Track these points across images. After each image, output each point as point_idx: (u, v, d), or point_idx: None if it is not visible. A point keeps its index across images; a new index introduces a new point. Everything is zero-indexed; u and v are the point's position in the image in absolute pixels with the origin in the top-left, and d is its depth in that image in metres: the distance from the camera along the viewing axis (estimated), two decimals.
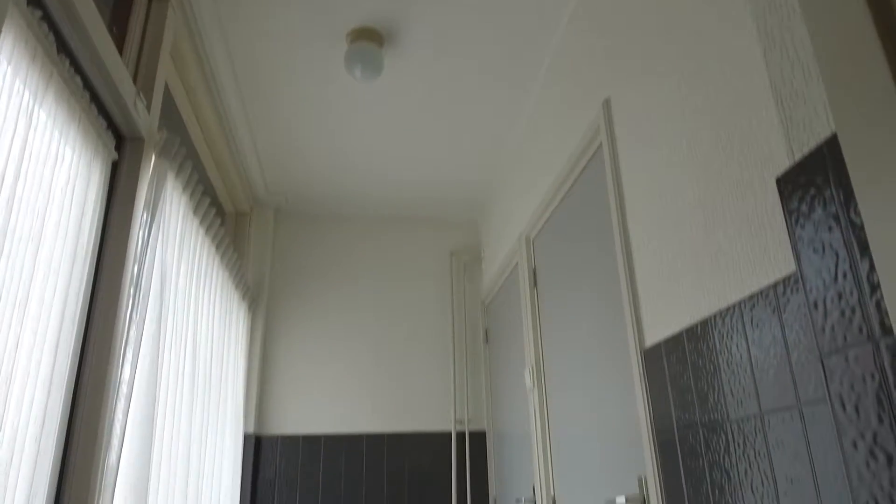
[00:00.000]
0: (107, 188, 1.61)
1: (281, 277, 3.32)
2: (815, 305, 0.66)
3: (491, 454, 3.15)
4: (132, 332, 1.53)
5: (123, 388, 1.49)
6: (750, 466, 1.13)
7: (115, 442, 1.44)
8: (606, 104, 1.82)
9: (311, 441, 3.04)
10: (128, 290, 1.56)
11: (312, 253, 3.41)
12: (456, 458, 3.11)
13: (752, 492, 1.12)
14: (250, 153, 2.87)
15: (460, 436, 3.17)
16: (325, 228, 3.47)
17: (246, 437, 2.90)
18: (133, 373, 1.49)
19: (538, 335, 2.42)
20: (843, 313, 0.62)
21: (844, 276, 0.64)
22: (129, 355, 1.51)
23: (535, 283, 2.50)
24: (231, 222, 3.27)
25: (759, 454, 1.11)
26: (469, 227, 3.63)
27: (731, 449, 1.19)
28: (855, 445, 0.59)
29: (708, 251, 1.29)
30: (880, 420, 0.57)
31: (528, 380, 2.44)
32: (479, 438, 3.18)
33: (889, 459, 0.57)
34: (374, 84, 2.46)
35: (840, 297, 0.64)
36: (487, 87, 2.49)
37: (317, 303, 3.29)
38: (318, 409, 3.10)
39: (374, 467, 3.03)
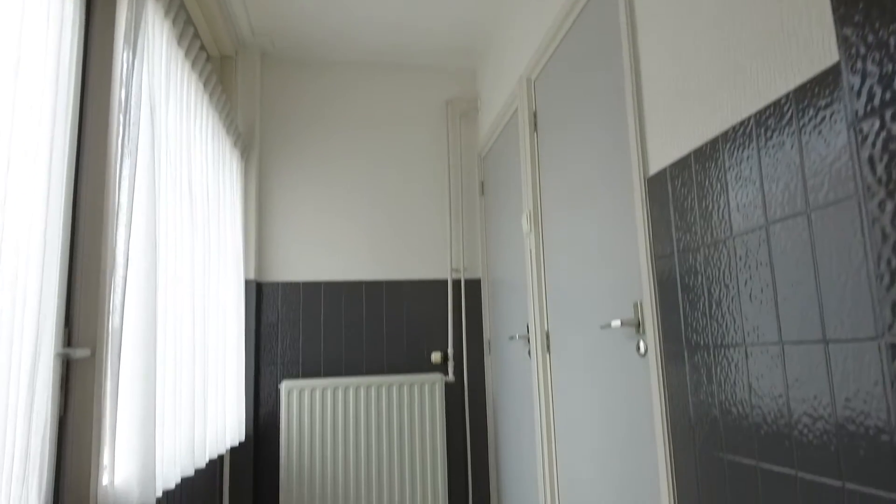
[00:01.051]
0: (84, 8, 1.50)
1: (272, 125, 3.23)
2: (853, 69, 0.63)
3: (485, 300, 3.25)
4: (126, 160, 1.49)
5: (122, 216, 1.47)
6: (751, 277, 1.15)
7: (119, 266, 1.45)
8: None
9: (312, 288, 3.11)
10: (117, 115, 1.49)
11: (303, 101, 3.29)
12: (452, 304, 3.21)
13: (751, 300, 1.15)
14: None
15: (456, 283, 3.25)
16: (315, 75, 3.33)
17: (247, 283, 2.96)
18: (131, 199, 1.47)
19: (536, 179, 2.40)
20: (883, 74, 0.59)
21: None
22: (124, 183, 1.48)
23: (535, 127, 2.44)
24: (216, 67, 3.12)
25: (761, 264, 1.12)
26: (465, 77, 3.49)
27: (733, 263, 1.21)
28: (882, 206, 0.58)
29: (724, 66, 1.23)
30: None
31: (524, 224, 2.45)
32: (474, 286, 3.27)
33: None
34: None
35: (882, 58, 0.60)
36: None
37: (310, 152, 3.23)
38: (317, 258, 3.14)
39: (373, 313, 3.13)
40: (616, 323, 1.62)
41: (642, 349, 1.58)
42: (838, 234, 0.94)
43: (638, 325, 1.60)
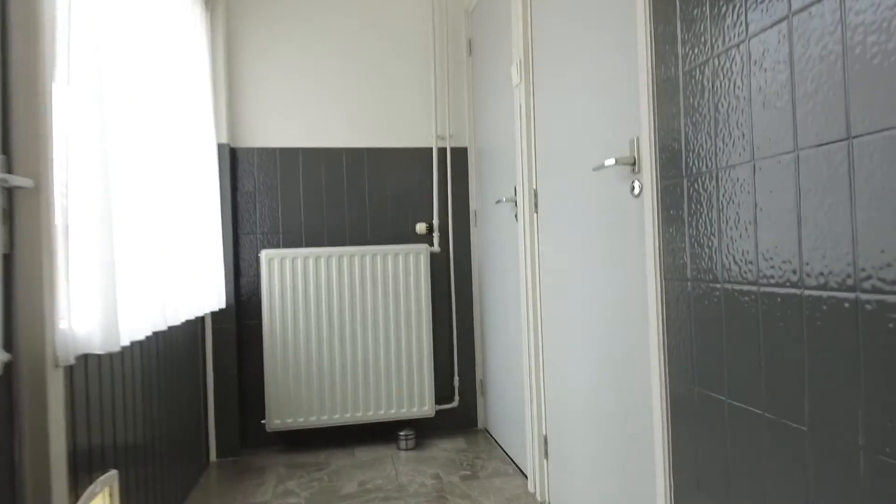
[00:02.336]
0: None
1: None
2: None
3: (472, 169, 3.11)
4: None
5: (60, 38, 1.29)
6: (766, 82, 1.02)
7: (60, 85, 1.29)
8: None
9: (289, 154, 2.95)
10: None
11: None
12: (437, 173, 3.08)
13: (764, 107, 1.02)
14: None
15: (442, 152, 3.10)
16: None
17: (220, 147, 2.80)
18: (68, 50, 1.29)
19: (528, 20, 2.19)
20: None
21: None
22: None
23: None
24: None
25: (780, 62, 0.99)
26: None
27: (746, 70, 1.07)
28: None
29: None
30: None
31: (514, 75, 2.27)
32: (460, 154, 3.12)
33: None
34: None
35: None
36: None
37: (284, 7, 2.96)
38: (293, 123, 2.96)
39: (355, 182, 3.00)
40: (610, 161, 1.50)
41: (636, 189, 1.47)
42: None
43: (634, 164, 1.48)
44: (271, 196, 2.92)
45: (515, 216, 2.43)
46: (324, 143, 2.99)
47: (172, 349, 2.20)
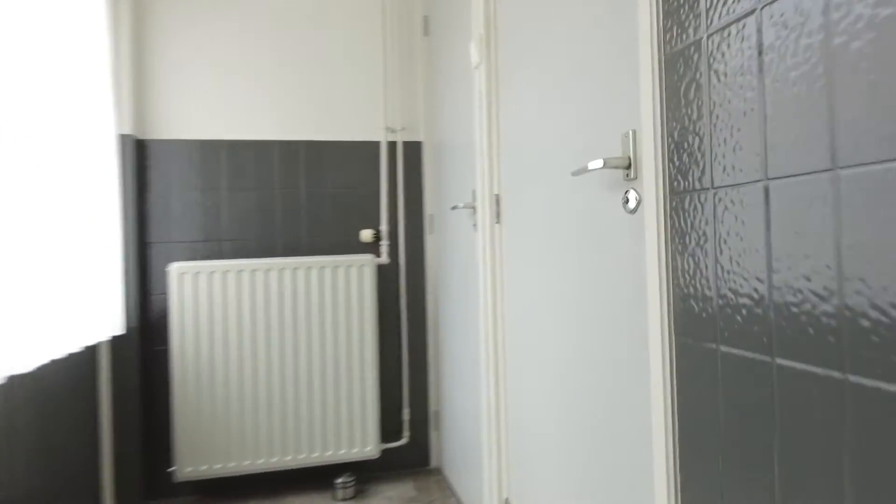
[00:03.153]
0: None
1: None
2: None
3: (427, 166, 2.69)
4: None
5: None
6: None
7: None
8: None
9: (211, 148, 2.48)
10: None
11: None
12: (387, 171, 2.64)
13: None
14: None
15: (392, 146, 2.66)
16: None
17: (122, 139, 2.31)
18: None
19: None
20: None
21: None
22: None
23: None
24: None
25: None
26: None
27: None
28: None
29: None
30: None
31: (473, 54, 1.85)
32: (414, 149, 2.69)
33: None
34: None
35: None
36: None
37: None
38: (217, 111, 2.49)
39: (289, 181, 2.55)
40: (595, 164, 1.09)
41: (631, 202, 1.07)
42: None
43: (628, 167, 1.07)
44: (189, 197, 2.46)
45: (474, 225, 2.02)
46: (253, 135, 2.53)
47: (47, 392, 1.73)
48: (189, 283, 2.31)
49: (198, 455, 2.29)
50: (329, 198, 2.58)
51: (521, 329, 1.62)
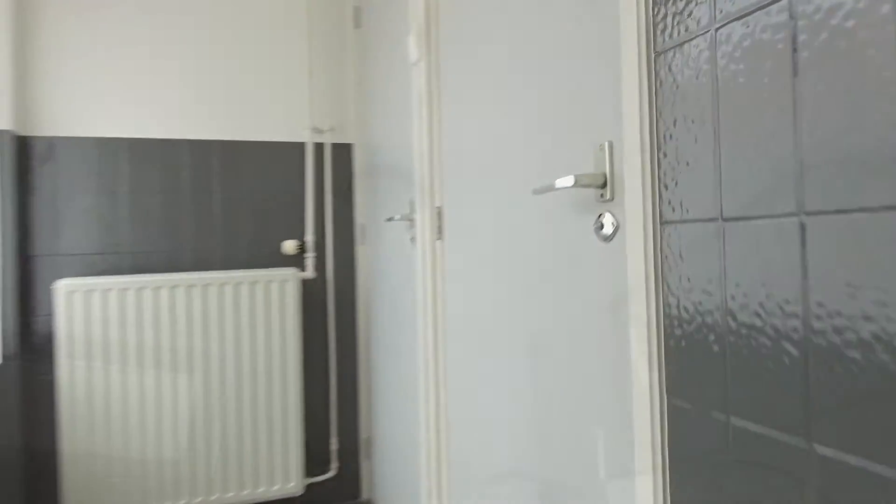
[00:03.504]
0: None
1: None
2: None
3: (360, 172, 2.46)
4: None
5: None
6: None
7: None
8: None
9: (110, 147, 2.16)
10: None
11: None
12: (313, 175, 2.40)
13: None
14: None
15: (318, 148, 2.42)
16: None
17: (0, 135, 1.98)
18: None
19: None
20: None
21: None
22: None
23: None
24: None
25: None
26: None
27: None
28: None
29: None
30: None
31: (412, 49, 1.65)
32: (343, 152, 2.46)
33: None
34: None
35: None
36: None
37: None
38: (117, 106, 2.18)
39: (201, 185, 2.26)
40: (564, 182, 0.91)
41: (607, 228, 0.89)
42: None
43: (603, 185, 0.90)
44: (82, 203, 2.13)
45: (412, 239, 1.82)
46: (159, 132, 2.23)
47: None
48: (80, 303, 1.99)
49: (92, 502, 1.98)
50: (247, 204, 2.31)
51: (464, 359, 1.43)
